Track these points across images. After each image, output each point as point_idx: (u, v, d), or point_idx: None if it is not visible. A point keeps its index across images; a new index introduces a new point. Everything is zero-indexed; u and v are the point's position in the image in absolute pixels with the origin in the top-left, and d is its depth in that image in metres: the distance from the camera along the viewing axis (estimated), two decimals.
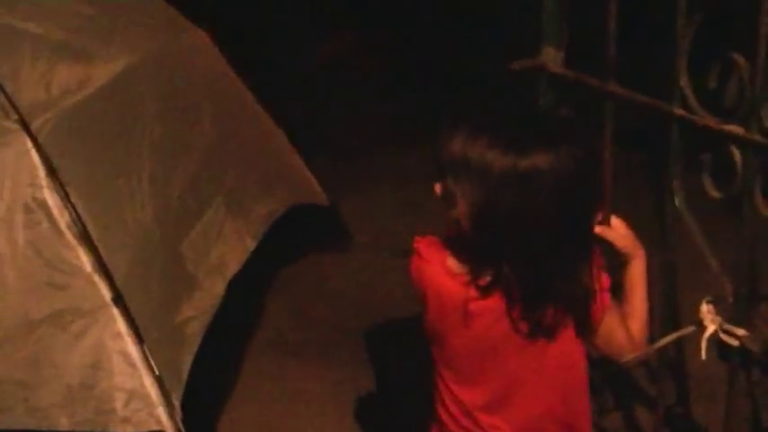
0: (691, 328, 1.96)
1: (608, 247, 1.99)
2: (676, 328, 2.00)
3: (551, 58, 2.02)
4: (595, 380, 2.30)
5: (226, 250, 3.61)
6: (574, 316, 1.94)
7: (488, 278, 1.87)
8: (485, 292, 1.88)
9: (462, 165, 1.81)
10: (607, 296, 1.96)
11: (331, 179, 4.65)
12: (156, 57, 3.64)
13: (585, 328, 1.97)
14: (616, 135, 1.94)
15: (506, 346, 1.95)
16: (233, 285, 3.52)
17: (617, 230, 2.02)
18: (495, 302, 1.89)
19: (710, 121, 1.76)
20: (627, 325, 2.00)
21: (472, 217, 1.83)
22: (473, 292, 1.89)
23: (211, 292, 3.42)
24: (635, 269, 2.01)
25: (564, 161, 1.77)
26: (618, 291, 2.00)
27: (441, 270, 1.94)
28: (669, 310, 2.04)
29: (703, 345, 1.93)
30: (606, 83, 1.88)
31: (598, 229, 1.98)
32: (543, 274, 1.85)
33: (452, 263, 1.93)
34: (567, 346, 1.99)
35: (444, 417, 2.10)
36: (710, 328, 1.92)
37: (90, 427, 2.93)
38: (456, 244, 1.93)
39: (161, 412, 2.91)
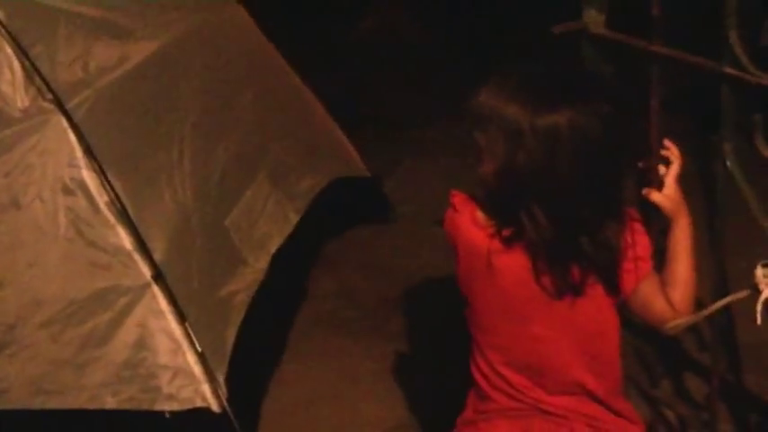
0: (744, 293, 1.90)
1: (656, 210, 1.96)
2: (728, 294, 1.94)
3: (593, 19, 1.97)
4: (645, 348, 2.26)
5: (269, 224, 3.60)
6: (601, 279, 1.92)
7: (511, 230, 1.88)
8: (507, 243, 1.89)
9: (486, 118, 1.84)
10: (645, 264, 1.94)
11: (373, 153, 4.62)
12: (194, 33, 3.62)
13: (615, 294, 1.94)
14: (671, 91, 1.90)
15: (532, 307, 1.96)
16: (279, 262, 3.50)
17: (665, 191, 1.98)
18: (519, 258, 1.90)
19: (764, 80, 1.70)
20: (667, 293, 1.96)
21: (494, 171, 1.85)
22: (497, 244, 1.90)
23: (255, 266, 3.41)
24: (677, 234, 1.98)
25: (586, 119, 1.77)
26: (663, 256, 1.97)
27: (470, 221, 1.97)
28: (720, 275, 1.98)
29: (758, 309, 1.87)
30: (651, 43, 1.83)
31: (645, 191, 1.96)
32: (565, 231, 1.84)
33: (480, 215, 1.96)
34: (597, 312, 1.97)
35: (478, 377, 2.11)
36: (766, 293, 1.86)
37: (136, 405, 2.93)
38: (484, 197, 1.95)
39: (205, 389, 2.91)
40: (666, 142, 1.99)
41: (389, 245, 4.32)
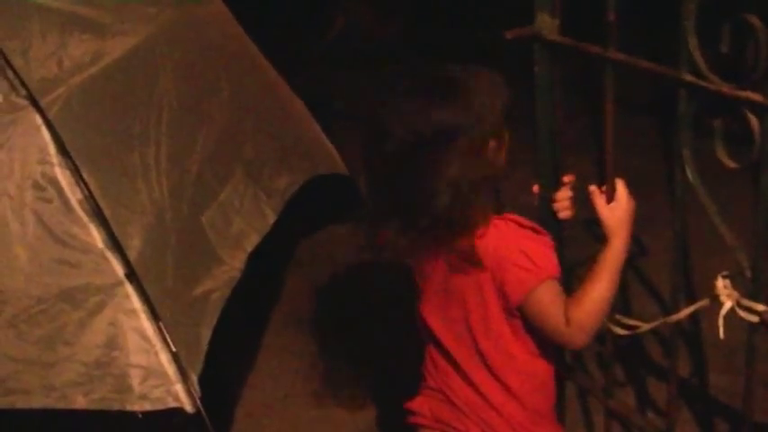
0: (705, 302, 1.87)
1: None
2: (690, 298, 1.92)
3: (546, 25, 1.93)
4: (605, 353, 2.24)
5: (246, 223, 3.59)
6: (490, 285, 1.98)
7: None
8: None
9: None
10: (535, 275, 1.92)
11: (348, 151, 4.56)
12: (172, 28, 3.58)
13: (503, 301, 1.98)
14: (629, 103, 1.86)
15: (429, 303, 2.12)
16: (252, 261, 3.49)
17: (614, 206, 1.95)
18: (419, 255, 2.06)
19: (724, 87, 1.66)
20: (569, 308, 1.92)
21: None
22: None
23: (232, 265, 3.39)
24: (606, 253, 1.94)
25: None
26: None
27: None
28: (682, 280, 1.95)
29: (720, 323, 1.83)
30: (606, 49, 1.79)
31: (593, 189, 1.96)
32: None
33: None
34: (485, 315, 2.02)
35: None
36: (727, 305, 1.82)
37: (107, 405, 2.92)
38: None
39: (179, 389, 2.90)
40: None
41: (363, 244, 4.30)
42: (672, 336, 2.01)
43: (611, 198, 1.96)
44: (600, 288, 1.92)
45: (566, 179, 2.09)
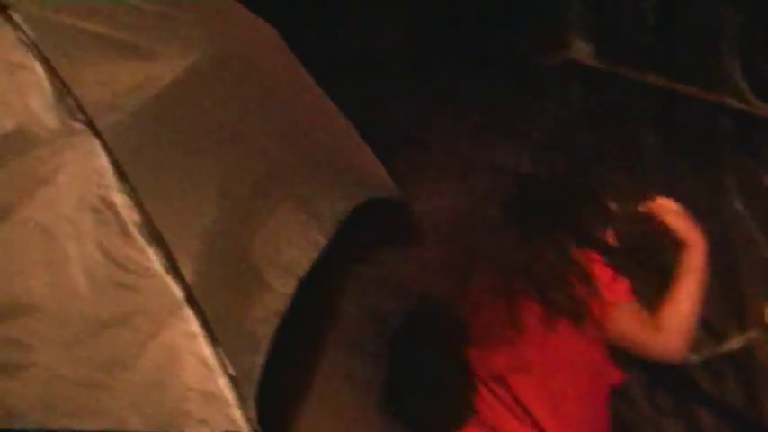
0: (754, 333, 1.85)
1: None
2: (741, 323, 1.90)
3: (581, 50, 1.92)
4: (650, 381, 2.23)
5: (296, 249, 3.57)
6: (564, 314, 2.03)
7: None
8: None
9: None
10: (610, 296, 1.90)
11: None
12: (221, 54, 3.61)
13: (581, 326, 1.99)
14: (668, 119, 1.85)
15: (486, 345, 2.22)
16: (305, 283, 3.48)
17: (670, 210, 1.96)
18: None
19: None
20: (657, 312, 1.92)
21: None
22: None
23: (283, 292, 3.38)
24: (685, 257, 1.95)
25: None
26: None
27: None
28: (732, 306, 1.93)
29: None
30: (644, 74, 1.77)
31: (653, 206, 1.97)
32: None
33: None
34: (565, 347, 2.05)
35: None
36: None
37: (164, 428, 2.92)
38: None
39: (237, 414, 2.89)
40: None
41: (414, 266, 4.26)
42: (720, 365, 1.99)
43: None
44: (684, 293, 1.94)
45: None
